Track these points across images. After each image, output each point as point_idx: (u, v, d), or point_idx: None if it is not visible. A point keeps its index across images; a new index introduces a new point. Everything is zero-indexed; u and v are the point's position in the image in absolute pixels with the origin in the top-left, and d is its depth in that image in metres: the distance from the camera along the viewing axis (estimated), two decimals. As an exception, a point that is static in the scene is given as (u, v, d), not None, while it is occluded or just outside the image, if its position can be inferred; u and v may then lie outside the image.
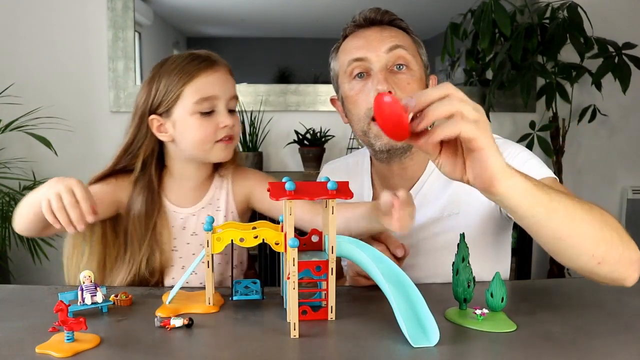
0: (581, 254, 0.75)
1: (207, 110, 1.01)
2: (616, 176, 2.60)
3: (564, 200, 0.72)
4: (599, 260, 0.75)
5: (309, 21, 2.48)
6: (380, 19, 1.06)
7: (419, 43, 1.09)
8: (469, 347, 0.72)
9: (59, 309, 0.70)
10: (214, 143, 1.03)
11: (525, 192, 0.69)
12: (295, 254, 0.74)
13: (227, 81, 1.03)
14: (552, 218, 0.71)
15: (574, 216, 0.72)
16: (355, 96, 1.03)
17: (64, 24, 2.37)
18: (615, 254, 0.75)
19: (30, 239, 2.12)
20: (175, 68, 1.01)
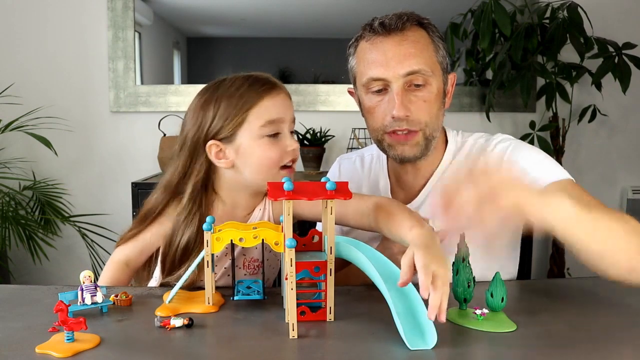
0: (615, 266, 0.78)
1: (273, 133, 0.98)
2: (616, 176, 2.59)
3: (600, 218, 0.78)
4: (631, 270, 0.78)
5: (309, 21, 2.48)
6: (401, 27, 1.02)
7: (438, 46, 1.06)
8: (469, 347, 0.72)
9: (59, 309, 0.70)
10: (280, 169, 0.99)
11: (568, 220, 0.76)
12: (293, 254, 0.74)
13: (290, 104, 1.02)
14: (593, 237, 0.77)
15: (614, 232, 0.77)
16: (373, 108, 1.05)
17: (64, 24, 2.37)
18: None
19: (30, 239, 2.12)
20: (237, 91, 0.98)
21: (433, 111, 1.04)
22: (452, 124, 1.17)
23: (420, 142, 1.04)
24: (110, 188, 2.38)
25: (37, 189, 2.29)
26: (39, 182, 2.32)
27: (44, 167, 2.38)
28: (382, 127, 1.04)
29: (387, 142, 1.06)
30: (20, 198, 2.26)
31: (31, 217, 2.23)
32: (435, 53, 1.05)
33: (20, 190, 2.24)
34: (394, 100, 1.01)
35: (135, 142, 2.40)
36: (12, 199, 2.17)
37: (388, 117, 1.02)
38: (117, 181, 2.36)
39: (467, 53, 2.42)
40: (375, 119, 1.05)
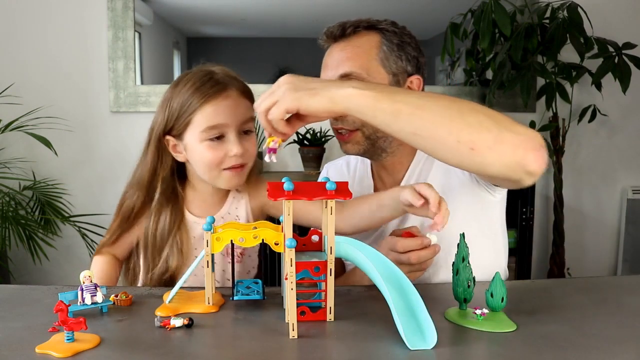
0: (445, 143, 0.77)
1: (216, 137, 0.99)
2: (616, 176, 2.59)
3: (411, 99, 0.78)
4: (470, 146, 0.76)
5: (309, 21, 2.48)
6: (347, 34, 1.07)
7: (392, 49, 1.07)
8: (469, 347, 0.72)
9: (59, 309, 0.70)
10: (222, 170, 1.01)
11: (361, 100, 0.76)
12: (293, 254, 0.74)
13: (238, 106, 1.00)
14: (400, 118, 0.77)
15: (425, 111, 0.76)
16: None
17: (64, 24, 2.37)
18: (488, 136, 0.75)
19: (30, 239, 2.12)
20: (187, 92, 1.00)
21: None
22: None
23: (361, 140, 1.08)
24: (110, 188, 2.38)
25: (37, 189, 2.29)
26: (39, 182, 2.32)
27: (44, 167, 2.38)
28: (331, 128, 1.12)
29: (339, 144, 1.12)
30: (20, 198, 2.26)
31: (31, 217, 2.23)
32: (379, 56, 1.06)
33: (20, 190, 2.24)
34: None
35: (135, 142, 2.37)
36: (12, 199, 2.17)
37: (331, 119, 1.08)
38: (117, 181, 2.34)
39: (467, 53, 2.42)
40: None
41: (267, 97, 0.79)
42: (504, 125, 0.77)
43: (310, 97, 0.77)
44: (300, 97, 0.77)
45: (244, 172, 1.04)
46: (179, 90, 1.01)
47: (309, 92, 0.77)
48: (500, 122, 0.77)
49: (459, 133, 0.75)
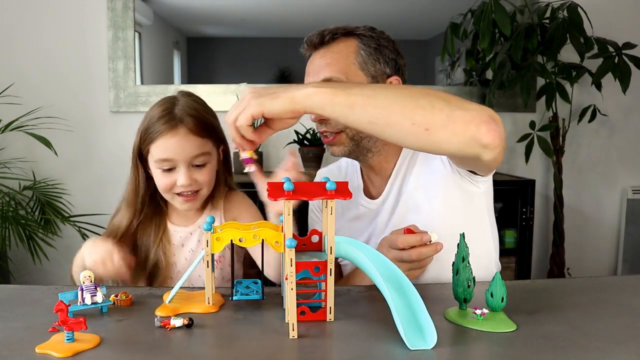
0: (401, 127, 0.80)
1: (167, 168, 1.08)
2: (616, 176, 2.60)
3: (365, 91, 0.81)
4: (425, 127, 0.78)
5: (309, 21, 2.48)
6: (326, 41, 1.11)
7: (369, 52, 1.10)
8: (469, 347, 0.72)
9: (59, 309, 0.70)
10: (174, 194, 1.10)
11: (318, 97, 0.80)
12: (293, 254, 0.74)
13: (185, 144, 1.07)
14: (355, 109, 0.80)
15: (377, 99, 0.80)
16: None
17: (64, 24, 2.37)
18: (440, 115, 0.78)
19: (30, 239, 2.12)
20: (151, 121, 1.09)
21: None
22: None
23: (346, 142, 1.11)
24: (110, 188, 2.38)
25: (37, 189, 2.29)
26: (39, 182, 2.32)
27: (44, 167, 2.38)
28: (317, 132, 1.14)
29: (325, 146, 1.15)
30: (20, 198, 2.26)
31: (31, 217, 2.23)
32: (357, 60, 1.10)
33: (20, 190, 2.24)
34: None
35: (135, 142, 2.39)
36: (12, 199, 2.17)
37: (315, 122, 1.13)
38: (117, 181, 2.34)
39: (467, 53, 2.42)
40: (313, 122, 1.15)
41: (234, 108, 0.84)
42: (454, 104, 0.80)
43: (272, 100, 0.80)
44: (263, 102, 0.81)
45: (198, 199, 1.12)
46: (148, 115, 1.11)
47: (271, 96, 0.81)
48: (451, 101, 0.80)
49: (412, 116, 0.79)
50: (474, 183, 1.08)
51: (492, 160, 0.86)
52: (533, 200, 2.23)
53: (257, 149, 0.95)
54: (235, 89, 2.43)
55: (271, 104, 0.81)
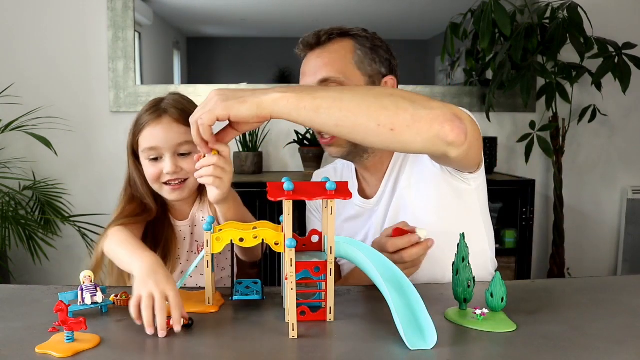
0: (366, 128, 0.81)
1: (154, 157, 1.11)
2: (616, 176, 2.60)
3: (330, 94, 0.81)
4: (390, 127, 0.80)
5: (309, 21, 2.48)
6: (322, 42, 1.12)
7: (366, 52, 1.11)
8: (469, 347, 0.72)
9: (59, 309, 0.70)
10: (162, 184, 1.13)
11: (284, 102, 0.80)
12: (293, 254, 0.74)
13: (169, 131, 1.11)
14: (320, 112, 0.80)
15: (343, 102, 0.80)
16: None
17: (64, 23, 2.37)
18: (405, 115, 0.79)
19: (30, 239, 2.12)
20: (138, 117, 1.15)
21: None
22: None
23: (343, 143, 1.10)
24: (110, 188, 2.38)
25: (37, 189, 2.29)
26: (39, 182, 2.32)
27: (44, 167, 2.38)
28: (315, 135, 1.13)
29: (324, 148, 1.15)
30: (20, 198, 2.26)
31: (31, 217, 2.24)
32: (354, 60, 1.10)
33: (20, 190, 2.24)
34: None
35: (135, 142, 2.39)
36: (12, 199, 2.17)
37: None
38: (117, 181, 2.34)
39: (467, 53, 2.42)
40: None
41: (200, 109, 0.83)
42: (419, 103, 0.81)
43: (240, 105, 0.80)
44: (230, 106, 0.81)
45: (186, 187, 1.14)
46: (138, 114, 1.16)
47: (239, 100, 0.81)
48: (416, 101, 0.81)
49: (378, 117, 0.80)
50: (464, 180, 1.08)
51: (461, 157, 0.87)
52: (533, 200, 2.23)
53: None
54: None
55: (238, 109, 0.81)
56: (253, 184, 2.15)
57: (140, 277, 0.84)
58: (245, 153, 2.32)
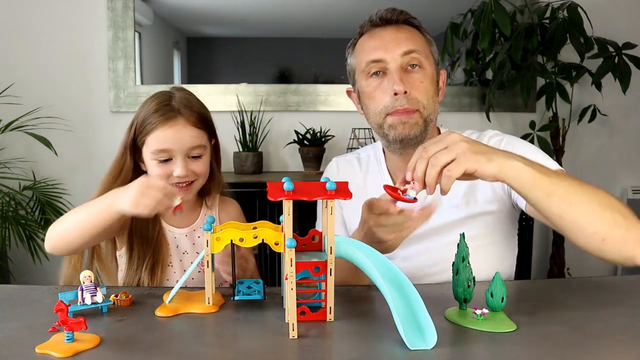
0: (583, 230, 0.83)
1: (164, 159, 1.09)
2: (616, 176, 2.60)
3: (563, 184, 0.83)
4: (602, 237, 0.82)
5: (309, 21, 2.48)
6: (396, 19, 1.11)
7: (431, 41, 1.14)
8: (469, 347, 0.72)
9: (59, 309, 0.70)
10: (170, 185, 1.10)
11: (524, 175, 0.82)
12: (293, 254, 0.74)
13: (184, 135, 1.08)
14: (551, 199, 0.82)
15: (573, 197, 0.83)
16: (373, 92, 1.10)
17: (64, 23, 2.37)
18: (618, 232, 0.82)
19: (30, 239, 2.12)
20: (147, 113, 1.10)
21: (429, 93, 1.09)
22: (452, 124, 1.18)
23: (420, 122, 1.08)
24: (110, 188, 2.38)
25: (37, 189, 2.29)
26: (39, 182, 2.32)
27: (44, 167, 2.38)
28: (384, 109, 1.08)
29: (388, 123, 1.09)
30: (20, 198, 2.26)
31: (31, 217, 2.23)
32: (428, 45, 1.13)
33: (20, 190, 2.24)
34: (393, 78, 1.06)
35: (135, 142, 2.39)
36: (12, 199, 2.17)
37: (388, 97, 1.07)
38: (117, 181, 2.36)
39: (467, 53, 2.42)
40: (377, 101, 1.09)
41: (442, 150, 0.81)
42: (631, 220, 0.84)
43: (487, 163, 0.81)
44: (479, 160, 0.80)
45: (192, 189, 1.13)
46: (143, 108, 1.12)
47: (486, 157, 0.81)
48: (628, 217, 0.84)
49: (597, 225, 0.83)
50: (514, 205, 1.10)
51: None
52: (533, 200, 2.23)
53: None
54: (235, 89, 2.43)
55: (485, 166, 0.80)
56: (253, 184, 2.15)
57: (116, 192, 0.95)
58: (245, 153, 2.32)
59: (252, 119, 2.36)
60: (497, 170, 0.81)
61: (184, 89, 1.17)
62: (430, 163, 0.81)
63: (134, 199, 0.91)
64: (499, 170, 0.81)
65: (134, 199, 0.91)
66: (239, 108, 2.38)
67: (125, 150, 1.13)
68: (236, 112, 2.37)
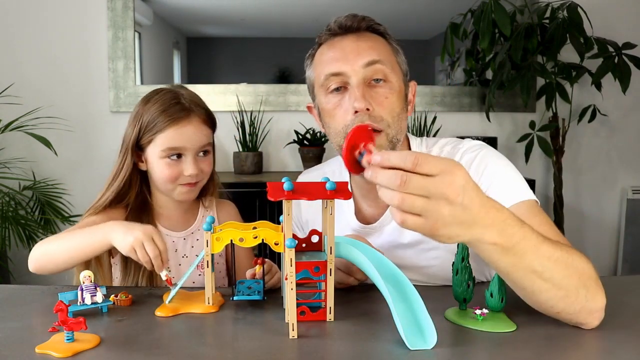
0: (540, 304, 0.76)
1: (175, 155, 1.08)
2: (616, 176, 2.60)
3: (535, 257, 0.70)
4: (557, 311, 0.75)
5: (309, 21, 2.48)
6: (357, 26, 1.01)
7: (398, 50, 1.04)
8: (469, 347, 0.72)
9: (59, 309, 0.70)
10: (177, 185, 1.10)
11: (488, 249, 0.68)
12: (293, 254, 0.74)
13: (197, 133, 1.08)
14: (517, 272, 0.71)
15: (540, 273, 0.71)
16: (333, 110, 0.99)
17: (64, 24, 2.37)
18: (576, 307, 0.74)
19: (30, 239, 2.12)
20: (155, 111, 1.08)
21: (395, 110, 0.98)
22: (452, 124, 1.17)
23: (384, 144, 0.96)
24: (110, 188, 2.38)
25: (37, 189, 2.29)
26: (39, 182, 2.32)
27: (44, 167, 2.38)
28: (344, 128, 0.96)
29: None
30: (20, 198, 2.26)
31: (31, 217, 2.23)
32: (394, 54, 1.02)
33: (20, 190, 2.24)
34: (354, 93, 0.95)
35: (135, 142, 2.39)
36: (12, 199, 2.17)
37: (349, 115, 0.95)
38: (117, 181, 2.36)
39: (467, 53, 2.42)
40: (337, 120, 0.98)
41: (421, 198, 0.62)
42: (591, 294, 0.75)
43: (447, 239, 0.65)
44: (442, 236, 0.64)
45: (197, 188, 1.13)
46: (148, 107, 1.09)
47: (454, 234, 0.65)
48: (589, 289, 0.75)
49: (557, 302, 0.74)
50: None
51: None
52: (533, 200, 2.23)
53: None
54: (235, 89, 2.43)
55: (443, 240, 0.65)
56: (253, 183, 2.15)
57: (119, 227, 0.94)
58: (245, 153, 2.32)
59: (252, 119, 2.36)
60: (467, 240, 0.67)
61: (184, 86, 1.16)
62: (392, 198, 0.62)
63: (129, 247, 0.91)
64: (468, 242, 0.68)
65: (130, 247, 0.91)
66: (239, 108, 2.38)
67: (127, 150, 1.12)
68: (236, 112, 2.37)
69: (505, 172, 0.99)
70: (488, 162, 1.00)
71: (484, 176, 0.98)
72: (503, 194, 0.92)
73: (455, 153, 1.04)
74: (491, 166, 0.99)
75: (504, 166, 1.00)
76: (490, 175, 0.98)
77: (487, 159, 1.01)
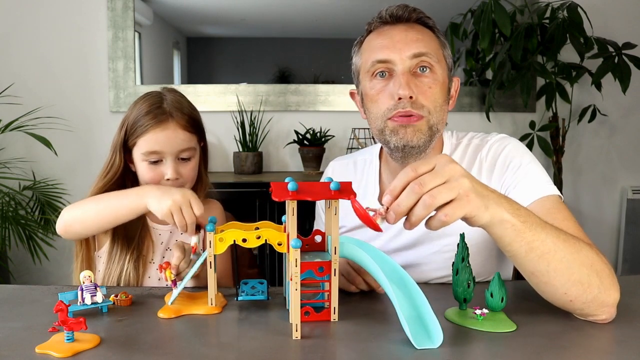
0: (554, 290, 0.77)
1: (154, 160, 1.10)
2: (616, 176, 2.60)
3: (547, 240, 0.74)
4: (570, 299, 0.77)
5: (309, 21, 2.48)
6: (408, 17, 1.03)
7: (445, 44, 1.06)
8: (469, 347, 0.72)
9: (59, 309, 0.70)
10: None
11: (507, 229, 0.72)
12: (298, 254, 0.73)
13: (175, 137, 1.10)
14: (529, 256, 0.74)
15: (553, 257, 0.74)
16: (376, 95, 1.02)
17: (64, 23, 2.37)
18: (589, 295, 0.76)
19: (30, 239, 2.12)
20: (139, 114, 1.11)
21: (438, 101, 1.01)
22: (451, 123, 1.17)
23: (424, 129, 1.00)
24: (110, 188, 2.38)
25: (37, 189, 2.29)
26: (39, 182, 2.32)
27: (44, 167, 2.38)
28: (386, 112, 1.00)
29: (389, 128, 1.01)
30: (20, 198, 2.26)
31: (31, 217, 2.23)
32: (441, 47, 1.05)
33: (20, 190, 2.24)
34: (399, 81, 0.98)
35: (135, 142, 2.39)
36: (12, 199, 2.17)
37: (392, 101, 0.99)
38: (117, 181, 2.36)
39: (467, 53, 2.42)
40: (379, 104, 1.02)
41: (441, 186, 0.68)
42: (605, 285, 0.77)
43: (484, 211, 0.70)
44: (479, 207, 0.69)
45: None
46: (135, 110, 1.13)
47: (484, 203, 0.69)
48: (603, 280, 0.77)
49: (569, 287, 0.76)
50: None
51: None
52: (533, 200, 2.23)
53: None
54: (235, 89, 2.43)
55: (482, 215, 0.69)
56: (253, 183, 2.15)
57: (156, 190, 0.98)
58: (245, 153, 2.32)
59: (252, 119, 2.36)
60: (488, 221, 0.71)
61: (175, 90, 1.18)
62: (424, 202, 0.66)
63: (166, 210, 0.95)
64: (489, 221, 0.71)
65: (167, 210, 0.95)
66: (239, 108, 2.38)
67: (115, 150, 1.14)
68: (236, 112, 2.37)
69: (530, 167, 1.02)
70: (514, 155, 1.04)
71: (510, 169, 1.02)
72: (528, 188, 0.97)
73: (482, 145, 1.08)
74: (517, 160, 1.03)
75: (529, 162, 1.04)
76: (516, 169, 1.02)
77: (513, 152, 1.05)
